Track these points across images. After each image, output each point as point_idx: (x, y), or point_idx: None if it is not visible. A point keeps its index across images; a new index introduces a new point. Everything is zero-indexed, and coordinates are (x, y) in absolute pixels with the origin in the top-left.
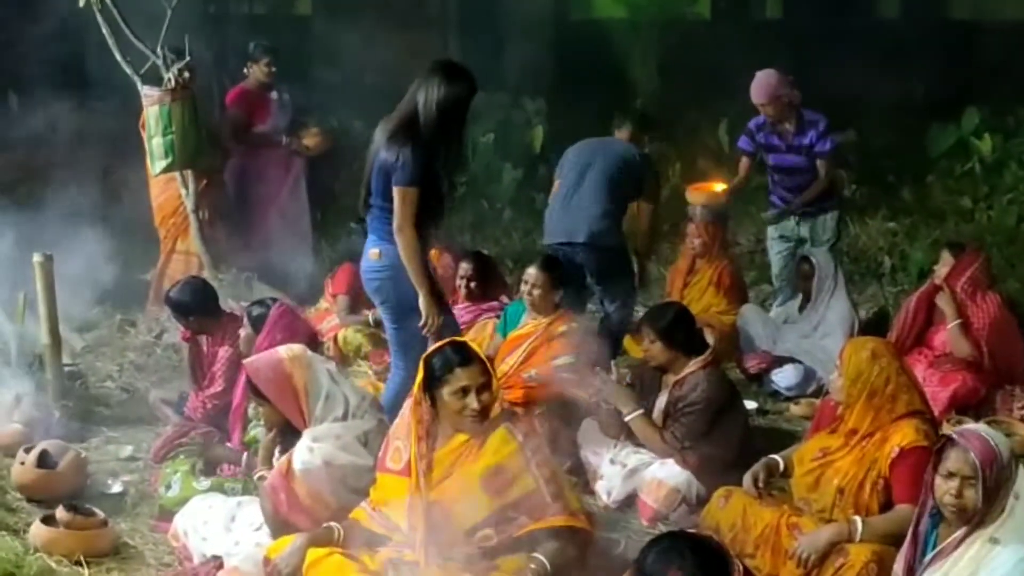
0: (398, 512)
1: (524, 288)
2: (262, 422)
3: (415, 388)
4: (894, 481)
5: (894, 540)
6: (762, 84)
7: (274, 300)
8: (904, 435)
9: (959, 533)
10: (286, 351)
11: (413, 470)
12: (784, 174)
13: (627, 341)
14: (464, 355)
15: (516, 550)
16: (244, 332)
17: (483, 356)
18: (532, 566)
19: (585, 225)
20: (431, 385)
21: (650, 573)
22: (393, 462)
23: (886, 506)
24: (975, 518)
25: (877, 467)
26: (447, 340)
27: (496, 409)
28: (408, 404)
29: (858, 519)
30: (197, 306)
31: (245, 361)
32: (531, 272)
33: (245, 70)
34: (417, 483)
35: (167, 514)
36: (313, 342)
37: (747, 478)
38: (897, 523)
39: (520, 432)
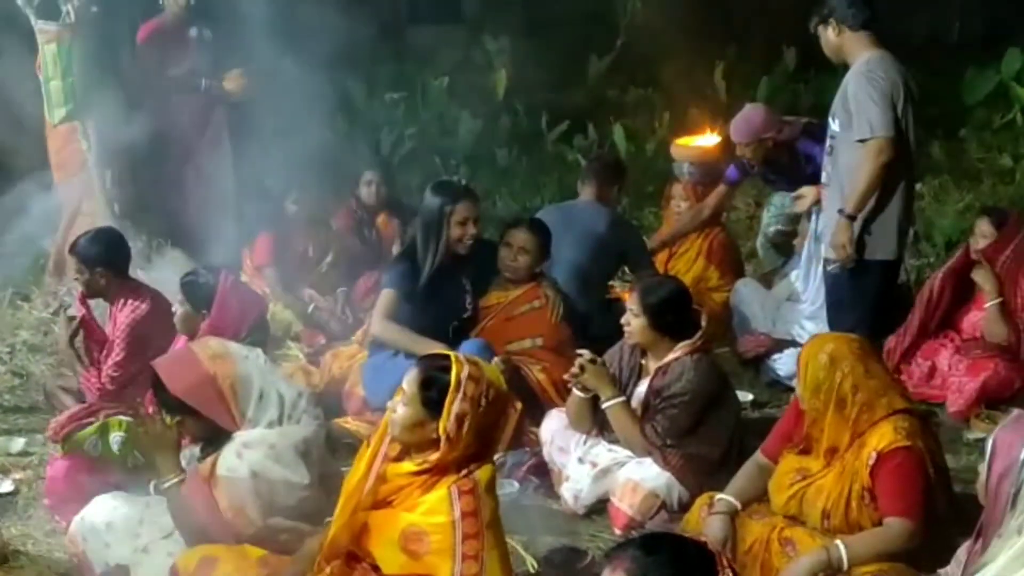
0: None
1: (506, 253)
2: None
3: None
4: (878, 492)
5: (896, 557)
6: (740, 123)
7: (211, 270)
8: (881, 436)
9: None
10: (201, 348)
11: (365, 458)
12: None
13: None
14: (423, 359)
15: None
16: (180, 310)
17: (452, 386)
18: None
19: None
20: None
21: (600, 566)
22: None
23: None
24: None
25: (859, 479)
26: (436, 352)
27: (449, 454)
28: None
29: (840, 543)
30: (107, 259)
31: (155, 363)
32: (518, 235)
33: (160, 2)
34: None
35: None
36: (264, 316)
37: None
38: (886, 540)
39: (460, 506)
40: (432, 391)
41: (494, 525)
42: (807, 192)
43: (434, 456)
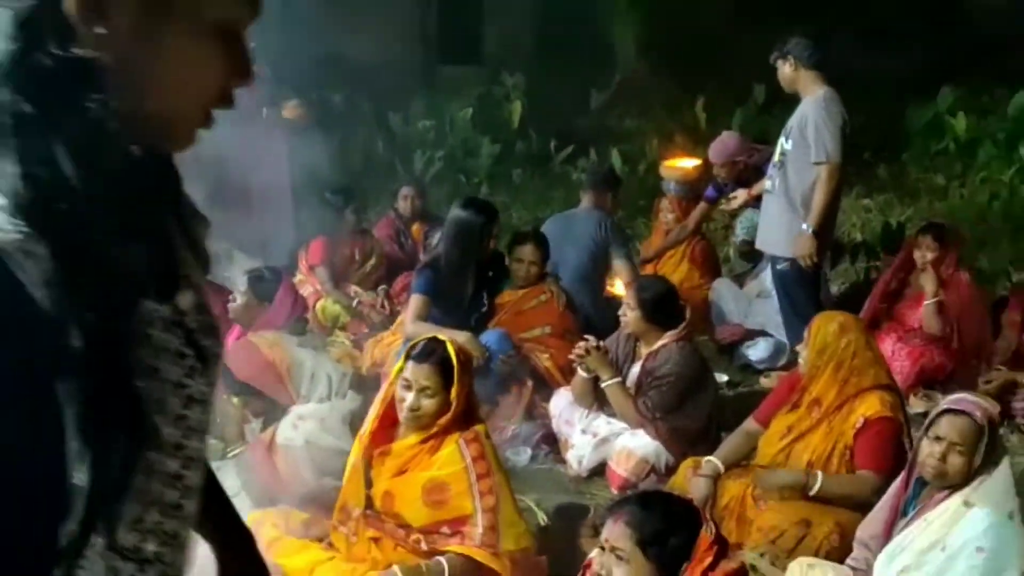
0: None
1: (519, 267)
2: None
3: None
4: (857, 450)
5: (852, 504)
6: (718, 146)
7: (271, 269)
8: (869, 406)
9: (938, 496)
10: (258, 339)
11: (367, 430)
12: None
13: None
14: (425, 353)
15: None
16: (241, 300)
17: (455, 362)
18: (430, 561)
19: None
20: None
21: (602, 518)
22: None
23: None
24: (959, 484)
25: (844, 439)
26: (431, 335)
27: (446, 418)
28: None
29: (819, 473)
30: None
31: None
32: (527, 250)
33: None
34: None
35: None
36: (304, 314)
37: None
38: (856, 486)
39: (469, 452)
40: (446, 375)
41: (500, 469)
42: (740, 194)
43: (444, 419)
